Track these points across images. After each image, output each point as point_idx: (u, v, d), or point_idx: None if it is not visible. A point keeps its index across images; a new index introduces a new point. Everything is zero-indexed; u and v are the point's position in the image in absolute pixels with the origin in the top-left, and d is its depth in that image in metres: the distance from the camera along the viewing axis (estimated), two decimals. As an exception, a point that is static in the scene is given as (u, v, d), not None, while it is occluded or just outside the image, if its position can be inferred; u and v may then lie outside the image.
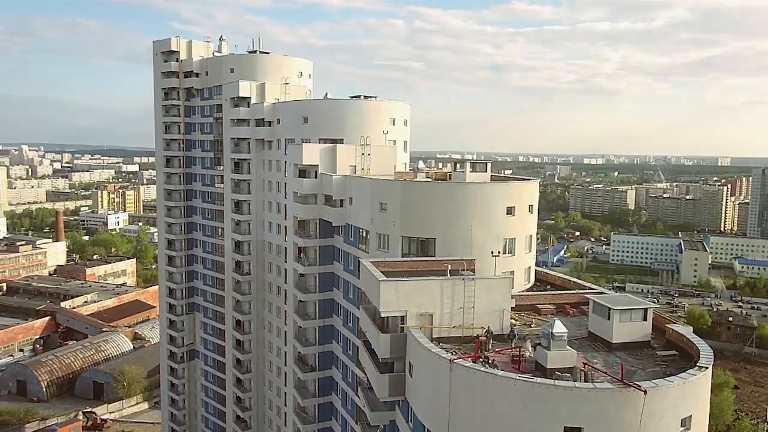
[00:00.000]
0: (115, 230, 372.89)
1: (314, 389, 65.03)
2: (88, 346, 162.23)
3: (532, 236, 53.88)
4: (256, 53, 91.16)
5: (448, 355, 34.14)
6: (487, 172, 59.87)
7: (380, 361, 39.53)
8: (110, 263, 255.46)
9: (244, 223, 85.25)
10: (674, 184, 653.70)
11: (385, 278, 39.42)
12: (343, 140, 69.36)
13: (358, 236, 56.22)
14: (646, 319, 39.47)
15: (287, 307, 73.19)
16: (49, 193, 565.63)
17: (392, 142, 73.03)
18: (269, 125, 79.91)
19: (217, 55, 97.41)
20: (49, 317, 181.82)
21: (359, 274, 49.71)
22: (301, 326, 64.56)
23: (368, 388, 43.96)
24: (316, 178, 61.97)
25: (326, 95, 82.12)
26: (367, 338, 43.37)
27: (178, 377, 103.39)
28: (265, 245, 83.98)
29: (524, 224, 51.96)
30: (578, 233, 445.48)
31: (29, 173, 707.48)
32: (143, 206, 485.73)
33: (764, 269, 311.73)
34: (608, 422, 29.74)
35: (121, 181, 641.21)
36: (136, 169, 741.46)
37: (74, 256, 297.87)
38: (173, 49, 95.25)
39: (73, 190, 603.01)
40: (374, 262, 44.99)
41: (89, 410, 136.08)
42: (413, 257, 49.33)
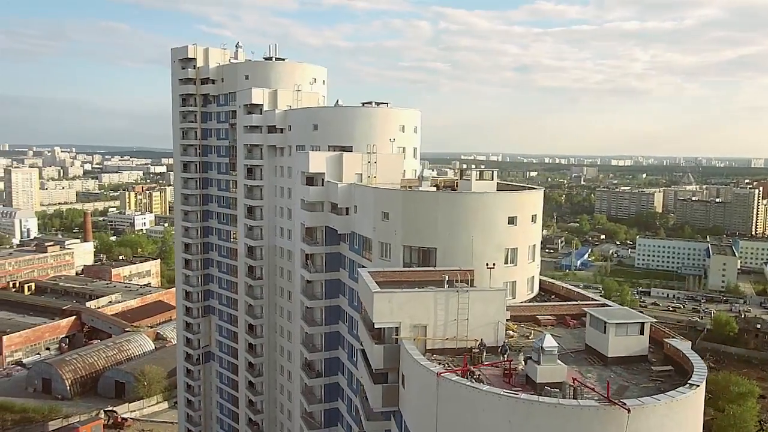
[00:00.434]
0: (141, 231, 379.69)
1: (321, 395, 65.61)
2: (111, 345, 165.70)
3: (535, 246, 53.62)
4: (271, 60, 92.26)
5: (436, 368, 34.25)
6: (493, 180, 59.99)
7: (374, 371, 39.81)
8: (135, 264, 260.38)
9: (256, 228, 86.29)
10: (704, 186, 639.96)
11: (378, 289, 39.68)
12: (352, 147, 69.70)
13: (362, 244, 56.59)
14: (642, 333, 39.05)
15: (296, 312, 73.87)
16: (79, 193, 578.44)
17: (401, 149, 73.29)
18: (281, 132, 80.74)
19: (233, 62, 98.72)
20: (74, 317, 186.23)
21: (361, 282, 50.03)
22: (307, 332, 65.16)
23: (364, 397, 44.26)
24: (322, 185, 62.56)
25: (337, 102, 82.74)
26: (364, 348, 43.72)
27: (194, 379, 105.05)
28: (276, 250, 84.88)
29: (527, 234, 51.73)
30: (603, 236, 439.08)
31: (61, 174, 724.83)
32: (169, 207, 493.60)
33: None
34: (592, 440, 29.53)
35: (148, 182, 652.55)
36: (163, 170, 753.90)
37: (101, 256, 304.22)
38: (190, 56, 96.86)
39: (102, 191, 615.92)
40: (372, 272, 45.29)
41: (110, 409, 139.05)
42: (415, 266, 49.60)
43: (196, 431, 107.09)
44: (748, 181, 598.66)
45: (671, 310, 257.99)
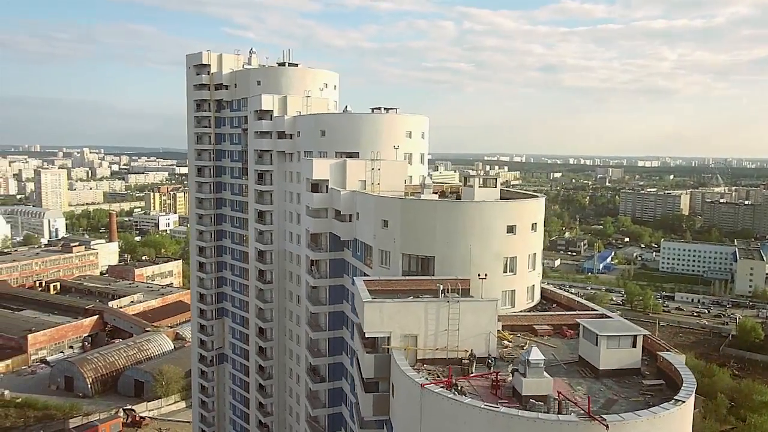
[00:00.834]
0: (165, 231, 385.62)
1: (325, 399, 66.13)
2: (131, 345, 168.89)
3: (536, 254, 53.31)
4: (284, 65, 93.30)
5: (421, 378, 34.45)
6: (496, 187, 59.86)
7: (365, 380, 40.15)
8: (158, 264, 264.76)
9: (266, 232, 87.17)
10: (733, 188, 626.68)
11: (369, 299, 40.00)
12: (359, 153, 70.18)
13: (363, 251, 56.94)
14: (635, 345, 38.72)
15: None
16: (106, 194, 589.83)
17: (408, 155, 73.47)
18: (290, 138, 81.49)
19: (246, 67, 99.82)
20: (97, 316, 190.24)
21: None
22: (312, 337, 65.74)
23: (357, 404, 44.60)
24: (326, 192, 63.05)
25: (345, 108, 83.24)
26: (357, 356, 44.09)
27: (207, 380, 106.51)
28: (286, 255, 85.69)
29: (526, 243, 51.49)
30: (627, 239, 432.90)
31: (89, 175, 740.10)
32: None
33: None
34: (572, 455, 29.44)
35: (173, 183, 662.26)
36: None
37: (126, 256, 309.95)
38: (204, 62, 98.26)
39: (128, 191, 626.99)
40: (367, 280, 45.66)
41: (129, 407, 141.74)
42: (413, 275, 49.76)
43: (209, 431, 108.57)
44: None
45: (695, 315, 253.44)
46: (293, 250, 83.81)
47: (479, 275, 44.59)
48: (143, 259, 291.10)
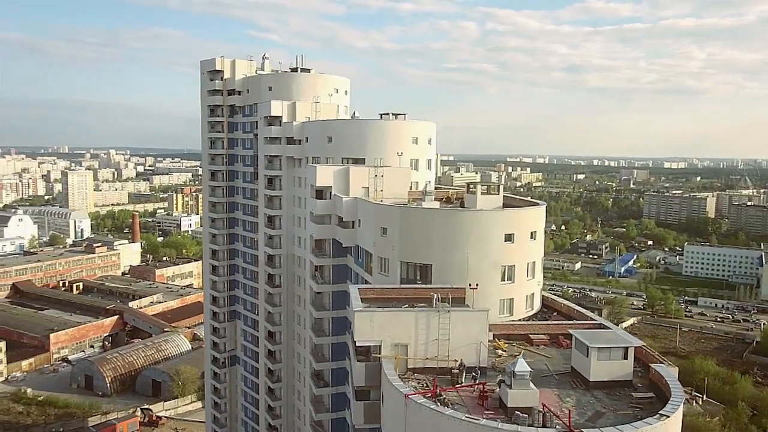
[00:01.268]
0: (187, 232, 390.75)
1: (328, 404, 66.65)
2: (149, 345, 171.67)
3: (535, 263, 53.13)
4: (297, 71, 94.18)
5: (406, 389, 34.68)
6: (499, 194, 59.82)
7: (356, 388, 40.50)
8: (178, 265, 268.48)
9: (276, 237, 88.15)
10: (762, 190, 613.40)
11: (360, 308, 40.35)
12: (365, 160, 70.62)
13: (364, 258, 57.33)
14: (626, 357, 38.42)
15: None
16: (131, 195, 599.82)
17: (414, 161, 73.74)
18: (299, 143, 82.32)
19: (260, 73, 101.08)
20: (117, 316, 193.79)
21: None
22: (316, 342, 66.31)
23: (350, 412, 44.93)
24: (330, 199, 63.58)
25: (353, 114, 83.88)
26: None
27: (220, 382, 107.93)
28: (294, 259, 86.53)
29: (525, 251, 51.37)
30: (651, 242, 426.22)
31: (115, 176, 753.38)
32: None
33: None
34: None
35: (197, 183, 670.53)
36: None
37: (148, 256, 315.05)
38: (218, 68, 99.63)
39: (152, 192, 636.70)
40: (362, 288, 46.07)
41: (146, 407, 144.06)
42: (412, 282, 50.02)
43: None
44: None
45: (718, 320, 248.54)
46: (301, 254, 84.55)
47: (470, 285, 44.63)
48: (164, 259, 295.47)
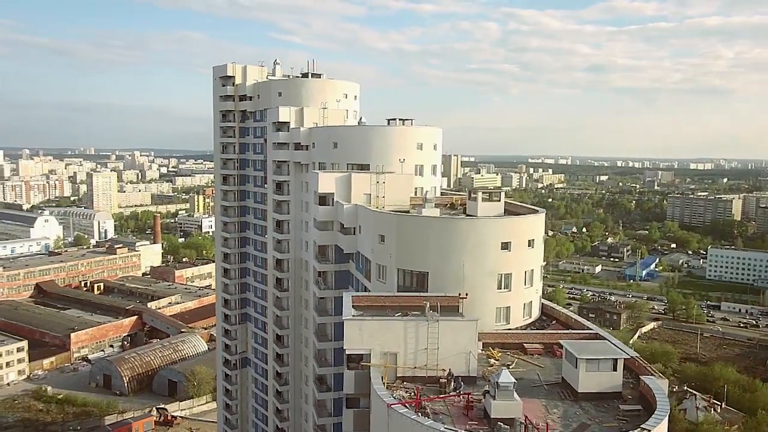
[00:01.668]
0: (207, 233, 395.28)
1: (331, 408, 67.06)
2: (167, 345, 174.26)
3: (533, 270, 52.96)
4: (308, 76, 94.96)
5: (389, 398, 34.95)
6: (500, 201, 59.69)
7: (346, 396, 40.88)
8: (197, 266, 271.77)
9: (284, 241, 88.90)
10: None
11: (350, 316, 40.72)
12: (369, 166, 70.93)
13: (364, 265, 57.68)
14: (616, 369, 38.25)
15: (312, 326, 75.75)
16: (154, 196, 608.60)
17: (419, 167, 73.91)
18: (306, 149, 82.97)
19: (270, 78, 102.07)
20: (136, 317, 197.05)
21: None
22: (318, 348, 66.78)
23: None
24: (332, 205, 64.05)
25: (360, 120, 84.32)
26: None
27: (231, 383, 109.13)
28: (302, 263, 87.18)
29: (521, 259, 51.25)
30: (674, 245, 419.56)
31: (139, 177, 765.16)
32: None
33: None
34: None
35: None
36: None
37: (169, 257, 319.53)
38: (229, 74, 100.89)
39: (175, 193, 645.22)
40: (356, 296, 46.45)
41: (162, 407, 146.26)
42: (408, 290, 50.26)
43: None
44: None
45: (741, 326, 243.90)
46: (308, 259, 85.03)
47: (459, 294, 44.75)
48: (184, 260, 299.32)
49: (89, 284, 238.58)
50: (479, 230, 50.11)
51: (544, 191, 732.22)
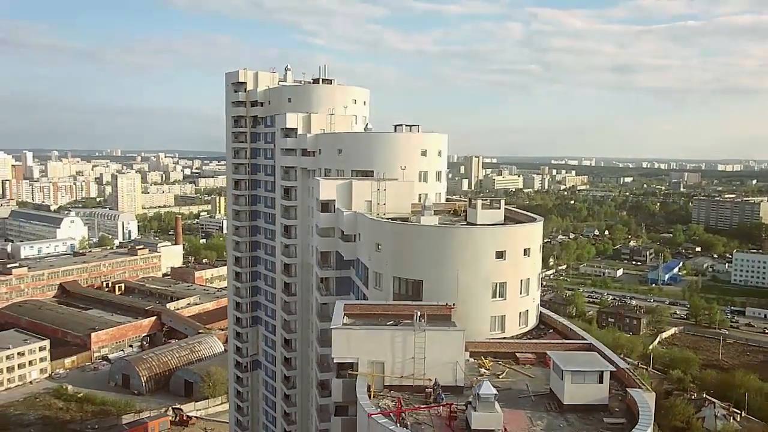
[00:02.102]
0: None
1: (333, 414, 67.46)
2: (184, 346, 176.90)
3: (529, 279, 52.82)
4: (318, 82, 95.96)
5: (370, 407, 35.33)
6: (500, 209, 59.69)
7: (334, 403, 41.37)
8: (216, 267, 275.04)
9: (291, 246, 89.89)
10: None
11: (338, 325, 41.19)
12: (373, 172, 71.43)
13: (363, 272, 58.15)
14: (602, 381, 38.08)
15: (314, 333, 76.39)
16: (177, 197, 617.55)
17: (423, 173, 74.19)
18: (312, 155, 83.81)
19: (282, 84, 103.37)
20: (155, 317, 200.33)
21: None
22: (320, 353, 67.39)
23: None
24: (333, 212, 64.64)
25: (366, 126, 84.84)
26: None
27: (242, 386, 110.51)
28: (309, 268, 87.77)
29: (517, 268, 51.21)
30: (699, 249, 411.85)
31: (163, 179, 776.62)
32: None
33: None
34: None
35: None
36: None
37: (190, 258, 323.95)
38: (241, 80, 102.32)
39: (198, 195, 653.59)
40: (348, 304, 46.93)
41: (178, 407, 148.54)
42: (404, 298, 50.57)
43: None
44: None
45: (766, 332, 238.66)
46: (314, 264, 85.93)
47: (446, 304, 44.86)
48: (204, 261, 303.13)
49: (111, 285, 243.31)
50: (473, 239, 50.24)
51: (566, 193, 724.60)
